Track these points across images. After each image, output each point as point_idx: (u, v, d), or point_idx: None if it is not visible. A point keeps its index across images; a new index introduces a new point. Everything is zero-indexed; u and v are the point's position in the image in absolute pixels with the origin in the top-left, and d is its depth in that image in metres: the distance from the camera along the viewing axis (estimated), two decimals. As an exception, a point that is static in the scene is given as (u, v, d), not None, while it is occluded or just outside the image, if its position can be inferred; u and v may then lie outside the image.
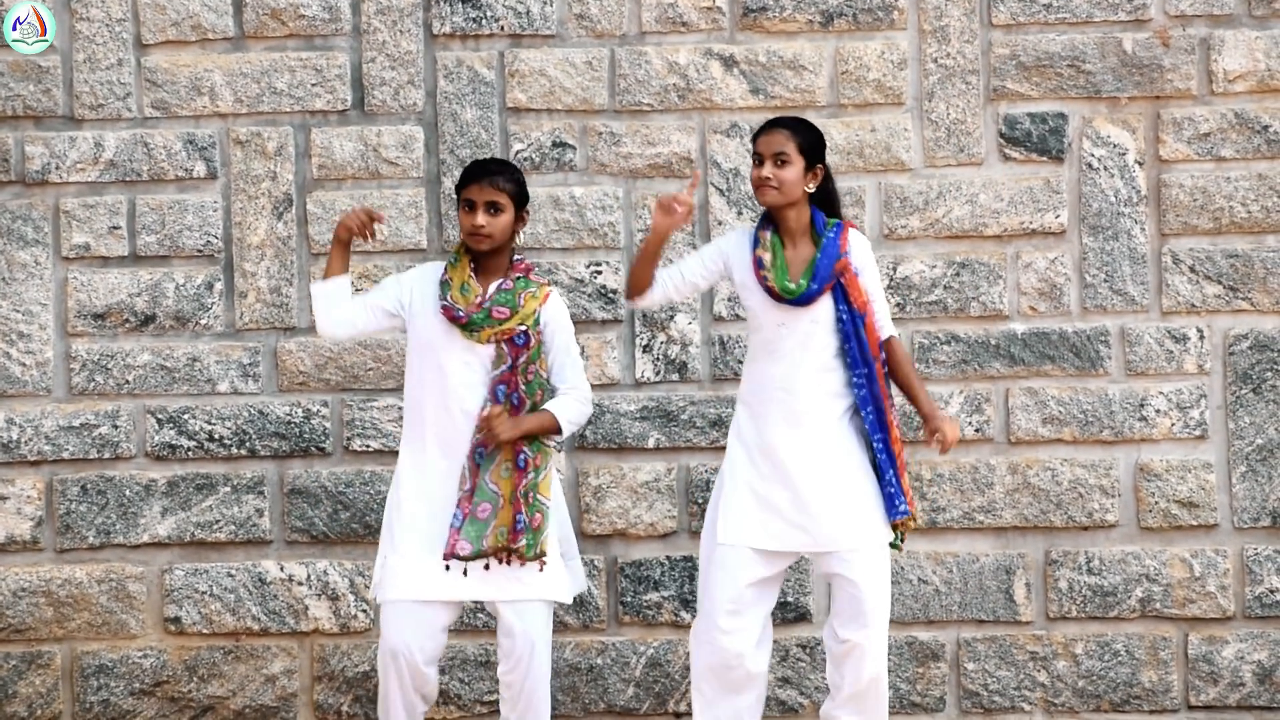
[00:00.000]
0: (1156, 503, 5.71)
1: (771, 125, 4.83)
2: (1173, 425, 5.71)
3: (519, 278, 4.87)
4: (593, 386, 5.71)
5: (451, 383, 4.81)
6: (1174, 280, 5.73)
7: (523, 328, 4.82)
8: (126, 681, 5.76)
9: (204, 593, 5.75)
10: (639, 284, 4.87)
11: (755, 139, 4.83)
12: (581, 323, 5.71)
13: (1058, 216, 5.74)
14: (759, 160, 4.78)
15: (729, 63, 5.76)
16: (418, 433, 4.85)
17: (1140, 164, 5.74)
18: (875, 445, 4.76)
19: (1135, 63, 5.73)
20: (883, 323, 4.82)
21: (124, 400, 5.77)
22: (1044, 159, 5.75)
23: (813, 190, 4.82)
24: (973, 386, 5.74)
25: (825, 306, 4.77)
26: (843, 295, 4.77)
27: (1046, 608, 5.73)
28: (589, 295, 5.75)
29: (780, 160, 4.76)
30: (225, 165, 5.79)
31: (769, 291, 4.77)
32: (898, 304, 5.73)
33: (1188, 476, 5.71)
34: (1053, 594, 5.72)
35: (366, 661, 5.74)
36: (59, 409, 5.77)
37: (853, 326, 4.76)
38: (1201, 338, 5.72)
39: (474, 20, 5.78)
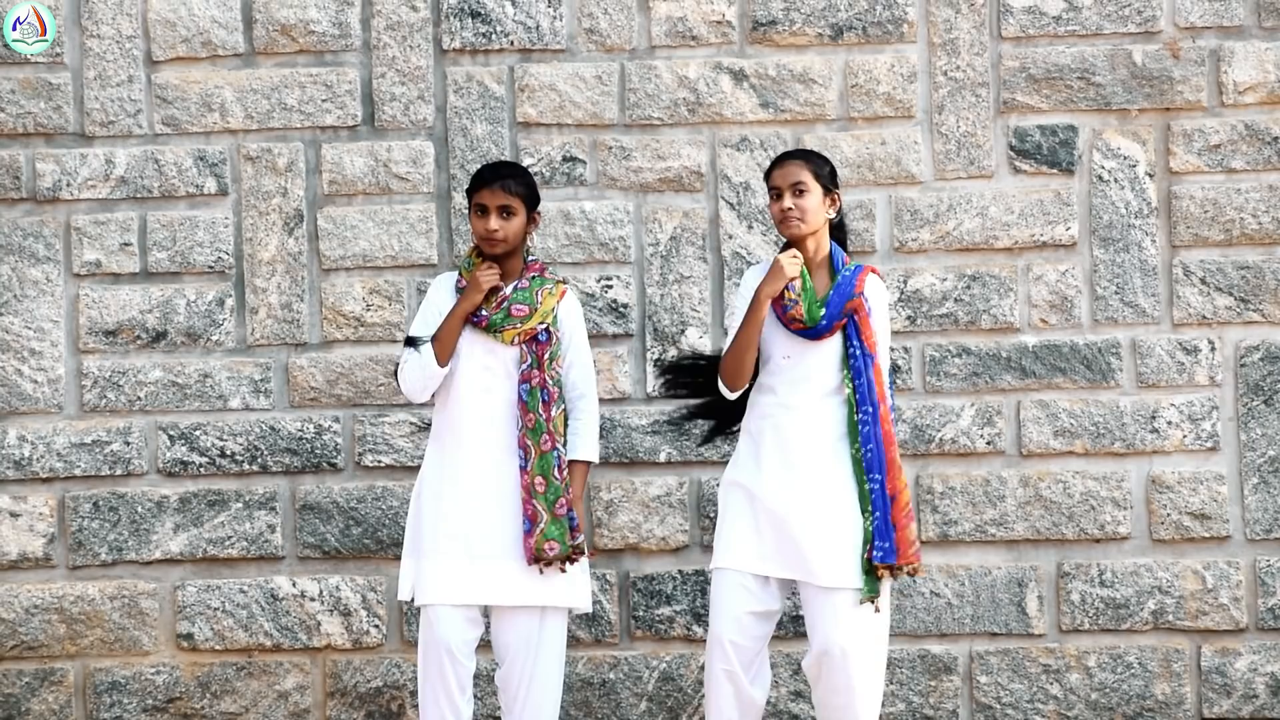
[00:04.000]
0: (1168, 515, 5.70)
1: (783, 159, 4.84)
2: (1184, 437, 5.71)
3: (534, 276, 4.92)
4: (604, 401, 5.73)
5: (474, 386, 4.84)
6: (1185, 292, 5.72)
7: (543, 325, 4.86)
8: (139, 698, 5.76)
9: (216, 609, 5.75)
10: (745, 375, 4.82)
11: (769, 175, 4.82)
12: (592, 337, 5.69)
13: (1068, 229, 5.73)
14: (777, 194, 4.78)
15: (739, 76, 5.76)
16: (448, 439, 4.88)
17: (1151, 176, 5.73)
18: (870, 482, 4.72)
19: (1145, 75, 5.73)
20: (886, 368, 4.81)
21: (135, 417, 5.78)
22: (1054, 171, 5.74)
23: (833, 216, 4.82)
24: (984, 399, 5.74)
25: (833, 344, 4.77)
26: (855, 332, 4.76)
27: (1059, 620, 5.72)
28: (599, 309, 5.75)
29: (798, 190, 4.76)
30: (236, 181, 5.79)
31: (782, 319, 4.77)
32: (908, 317, 5.72)
33: (1199, 488, 5.70)
34: (1065, 606, 5.72)
35: (379, 677, 5.74)
36: (70, 426, 5.77)
37: (863, 363, 4.74)
38: (1213, 349, 5.71)
39: (484, 35, 5.78)
